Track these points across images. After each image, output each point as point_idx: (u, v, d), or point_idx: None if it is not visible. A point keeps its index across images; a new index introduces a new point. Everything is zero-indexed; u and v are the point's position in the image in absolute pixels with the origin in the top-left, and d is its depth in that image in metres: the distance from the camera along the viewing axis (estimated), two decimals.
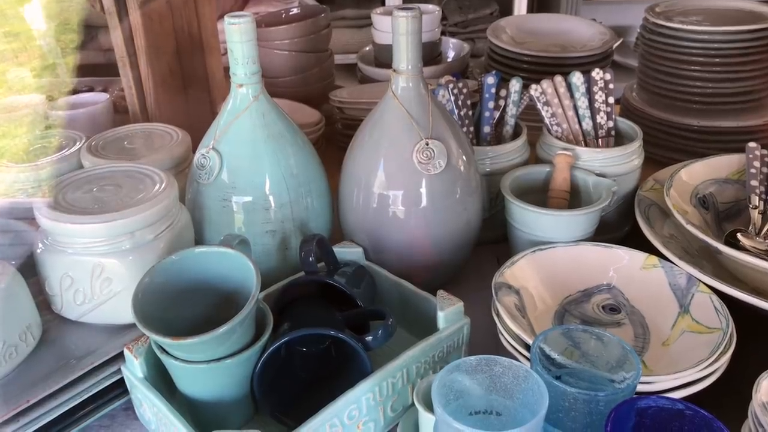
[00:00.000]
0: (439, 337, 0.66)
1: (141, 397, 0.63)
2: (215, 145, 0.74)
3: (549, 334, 0.56)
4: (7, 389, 0.61)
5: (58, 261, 0.64)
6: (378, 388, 0.62)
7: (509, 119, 0.93)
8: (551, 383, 0.52)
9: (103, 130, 1.11)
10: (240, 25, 0.71)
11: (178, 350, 0.57)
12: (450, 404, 0.52)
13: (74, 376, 0.62)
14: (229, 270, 0.62)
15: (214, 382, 0.59)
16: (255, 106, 0.74)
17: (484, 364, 0.53)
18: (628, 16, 2.36)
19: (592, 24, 1.29)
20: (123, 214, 0.63)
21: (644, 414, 0.48)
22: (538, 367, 0.54)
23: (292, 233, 0.77)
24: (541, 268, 0.76)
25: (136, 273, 0.65)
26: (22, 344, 0.63)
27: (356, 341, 0.61)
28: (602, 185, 0.83)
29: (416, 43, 0.73)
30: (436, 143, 0.74)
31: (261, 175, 0.74)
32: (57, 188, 0.68)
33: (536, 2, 2.52)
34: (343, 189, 0.81)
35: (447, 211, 0.77)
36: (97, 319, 0.67)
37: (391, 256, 0.78)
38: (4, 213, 0.84)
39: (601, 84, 0.92)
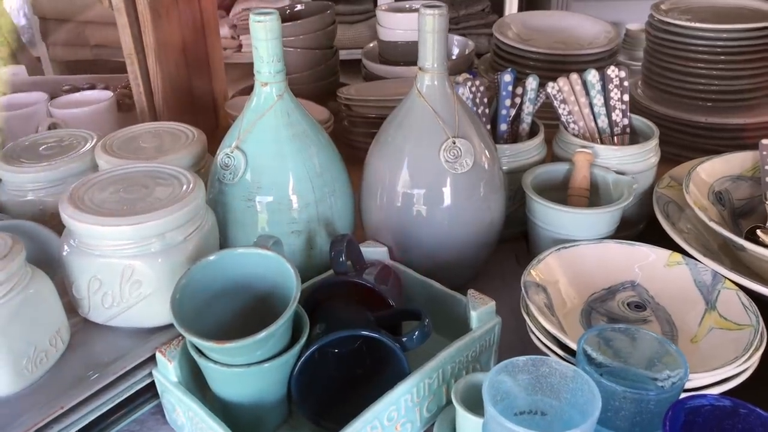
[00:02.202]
0: (473, 336, 0.66)
1: (174, 401, 0.62)
2: (239, 144, 0.73)
3: (592, 334, 0.56)
4: (39, 395, 0.59)
5: (87, 263, 0.63)
6: (416, 389, 0.61)
7: (525, 117, 0.93)
8: (601, 383, 0.52)
9: (108, 128, 1.10)
10: (266, 23, 0.70)
11: (219, 354, 0.56)
12: (497, 405, 0.52)
13: (107, 381, 0.61)
14: (265, 271, 0.61)
15: (252, 386, 0.58)
16: (279, 105, 0.73)
17: (531, 365, 0.53)
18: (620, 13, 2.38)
19: (597, 21, 1.29)
20: (154, 215, 0.62)
21: (697, 412, 0.48)
22: (586, 366, 0.54)
23: (316, 233, 0.76)
24: (567, 266, 0.76)
25: (165, 275, 0.64)
26: (52, 349, 0.62)
27: (394, 342, 0.60)
28: (622, 183, 0.84)
29: (442, 41, 0.73)
30: (462, 142, 0.74)
31: (286, 174, 0.73)
32: (81, 189, 0.66)
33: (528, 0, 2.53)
34: (366, 187, 0.80)
35: (471, 210, 0.77)
36: (124, 322, 0.66)
37: (415, 256, 0.78)
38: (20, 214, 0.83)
39: (616, 81, 0.92)
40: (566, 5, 2.57)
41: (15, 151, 0.87)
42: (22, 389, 0.59)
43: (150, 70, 1.02)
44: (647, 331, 0.57)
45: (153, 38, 1.00)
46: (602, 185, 0.86)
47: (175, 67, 1.09)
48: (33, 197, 0.85)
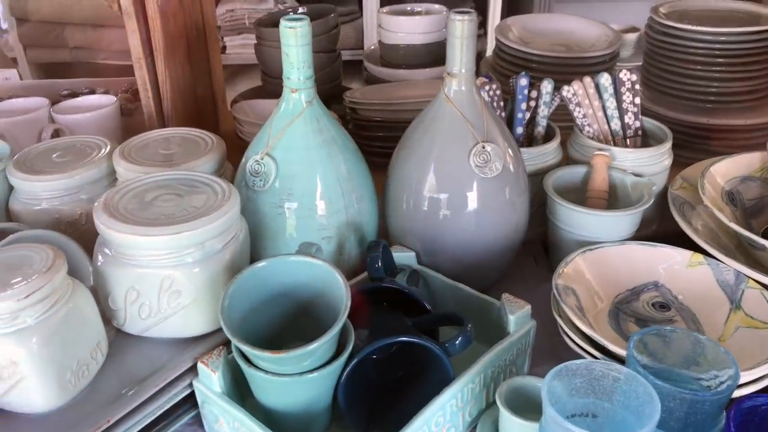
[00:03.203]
0: (511, 340, 0.66)
1: (218, 412, 0.61)
2: (269, 151, 0.73)
3: (640, 337, 0.57)
4: (82, 409, 0.58)
5: (124, 274, 0.62)
6: (460, 394, 0.62)
7: (541, 120, 0.94)
8: (656, 384, 0.52)
9: (112, 133, 1.08)
10: (297, 29, 0.70)
11: (271, 363, 0.55)
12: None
13: (149, 393, 0.60)
14: (309, 279, 0.61)
15: (300, 394, 0.58)
16: (309, 111, 0.73)
17: (584, 368, 0.54)
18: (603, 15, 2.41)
19: (597, 24, 1.31)
20: (194, 224, 0.61)
21: (754, 412, 0.49)
22: (639, 368, 0.55)
23: (346, 239, 0.76)
24: (593, 268, 0.77)
25: (204, 285, 0.63)
26: (93, 362, 0.61)
27: (440, 349, 0.60)
28: (641, 185, 0.85)
29: (471, 46, 0.73)
30: (492, 146, 0.74)
31: (317, 180, 0.73)
32: (115, 197, 0.65)
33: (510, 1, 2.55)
34: (392, 192, 0.80)
35: (498, 214, 0.77)
36: (160, 333, 0.65)
37: (441, 260, 0.78)
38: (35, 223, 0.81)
39: (628, 85, 0.94)
40: (549, 7, 2.60)
41: (27, 159, 0.85)
42: (66, 403, 0.58)
43: (159, 75, 1.01)
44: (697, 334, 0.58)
45: (162, 42, 0.99)
46: (620, 187, 0.87)
47: (181, 71, 1.08)
48: (47, 206, 0.83)
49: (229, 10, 2.44)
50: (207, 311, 0.64)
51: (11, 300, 0.53)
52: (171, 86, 1.03)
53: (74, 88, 1.27)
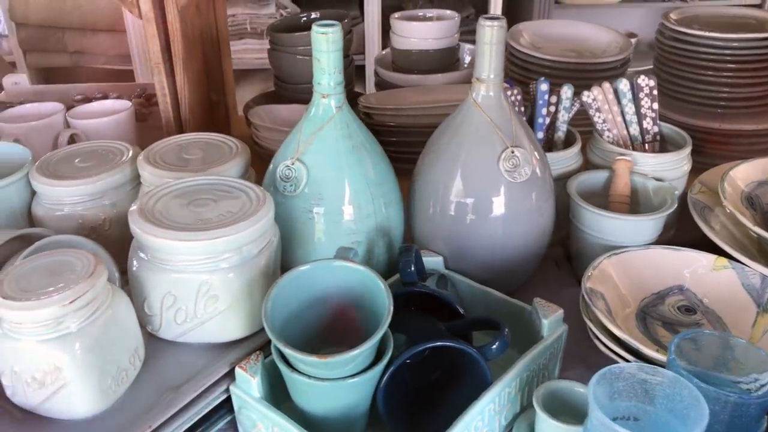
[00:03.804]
0: (545, 344, 0.67)
1: (256, 418, 0.61)
2: (300, 156, 0.73)
3: (681, 340, 0.58)
4: (121, 415, 0.58)
5: (161, 279, 0.62)
6: (498, 398, 0.62)
7: (561, 125, 0.94)
8: (701, 387, 0.53)
9: (128, 138, 1.08)
10: (329, 35, 0.70)
11: (315, 368, 0.55)
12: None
13: (187, 399, 0.60)
14: (348, 284, 0.61)
15: (342, 399, 0.58)
16: (339, 117, 0.73)
17: (628, 371, 0.54)
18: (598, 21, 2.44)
19: (607, 30, 1.32)
20: (232, 229, 0.61)
21: None
22: (681, 371, 0.55)
23: (375, 243, 0.76)
24: (619, 272, 0.78)
25: (241, 289, 0.63)
26: (131, 368, 0.60)
27: (478, 353, 0.61)
28: (664, 190, 0.86)
29: (500, 52, 0.73)
30: (521, 151, 0.75)
31: (347, 185, 0.73)
32: (149, 202, 0.65)
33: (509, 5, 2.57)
34: (417, 197, 0.80)
35: (525, 218, 0.78)
36: (196, 338, 0.65)
37: (469, 264, 0.79)
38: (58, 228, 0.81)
39: (646, 90, 0.95)
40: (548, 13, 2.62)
41: (50, 164, 0.85)
42: (106, 409, 0.58)
43: (177, 81, 1.01)
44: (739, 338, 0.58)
45: (181, 48, 0.99)
46: (642, 192, 0.88)
47: (198, 77, 1.08)
48: (70, 211, 0.82)
49: (231, 16, 2.43)
50: (243, 316, 0.64)
51: (56, 305, 0.52)
52: (189, 91, 1.03)
53: (87, 93, 1.27)
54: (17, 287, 0.54)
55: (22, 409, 0.58)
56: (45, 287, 0.54)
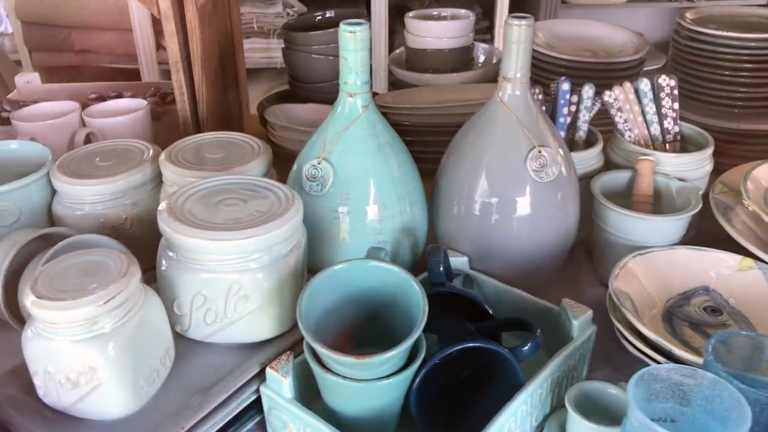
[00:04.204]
0: (575, 345, 0.66)
1: (287, 418, 0.60)
2: (326, 156, 0.73)
3: (718, 341, 0.57)
4: (153, 416, 0.58)
5: (191, 279, 0.62)
6: (530, 399, 0.62)
7: (582, 125, 0.94)
8: (741, 389, 0.52)
9: (144, 136, 1.07)
10: (356, 34, 0.69)
11: (353, 368, 0.55)
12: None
13: (219, 399, 0.59)
14: (380, 284, 0.61)
15: (375, 400, 0.58)
16: (365, 116, 0.73)
17: (665, 372, 0.54)
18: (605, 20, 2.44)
19: (622, 30, 1.32)
20: (264, 229, 0.61)
21: None
22: (720, 372, 0.55)
23: (400, 244, 0.76)
24: (645, 273, 0.77)
25: (270, 289, 0.63)
26: (162, 368, 0.60)
27: (511, 354, 0.60)
28: (687, 190, 0.85)
29: (527, 51, 0.73)
30: (548, 150, 0.74)
31: (373, 185, 0.73)
32: (178, 201, 0.65)
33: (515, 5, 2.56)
34: (441, 197, 0.80)
35: (551, 218, 0.77)
36: (225, 338, 0.65)
37: (494, 264, 0.78)
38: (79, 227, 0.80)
39: (667, 90, 0.94)
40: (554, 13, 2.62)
41: (71, 163, 0.84)
42: (138, 410, 0.58)
43: (195, 79, 1.01)
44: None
45: (200, 46, 0.98)
46: (665, 192, 0.88)
47: (215, 75, 1.07)
48: (90, 210, 0.82)
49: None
50: (272, 316, 0.64)
51: (92, 305, 0.52)
52: (206, 90, 1.02)
53: (100, 91, 1.26)
54: (51, 287, 0.54)
55: (53, 409, 0.58)
56: (79, 287, 0.54)
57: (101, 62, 2.43)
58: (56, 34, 2.38)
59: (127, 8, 2.28)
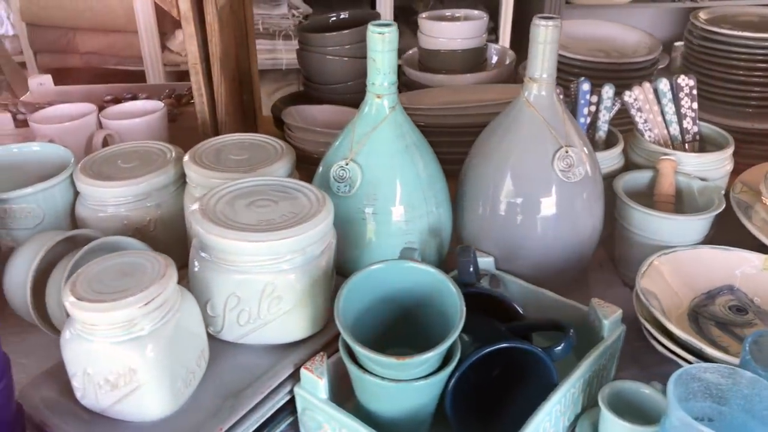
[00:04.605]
0: (606, 345, 0.66)
1: (322, 419, 0.60)
2: (354, 157, 0.73)
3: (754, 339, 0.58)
4: (190, 417, 0.58)
5: (225, 280, 0.62)
6: (564, 399, 0.62)
7: (602, 125, 0.94)
8: None
9: (160, 138, 1.07)
10: (385, 35, 0.70)
11: (392, 369, 0.55)
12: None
13: (256, 400, 0.59)
14: (415, 285, 0.61)
15: (414, 400, 0.58)
16: (392, 117, 0.73)
17: (703, 372, 0.54)
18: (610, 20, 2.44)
19: (634, 30, 1.32)
20: (298, 230, 0.61)
21: None
22: (759, 372, 0.55)
23: (426, 244, 0.76)
24: (670, 272, 0.78)
25: (304, 290, 0.63)
26: (198, 369, 0.60)
27: (546, 354, 0.60)
28: (709, 189, 0.86)
29: (553, 51, 0.73)
30: (575, 150, 0.74)
31: (400, 186, 0.73)
32: (210, 202, 0.65)
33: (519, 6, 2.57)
34: (466, 197, 0.80)
35: (577, 218, 0.78)
36: (257, 339, 0.65)
37: (519, 265, 0.78)
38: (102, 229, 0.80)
39: (686, 90, 0.95)
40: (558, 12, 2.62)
41: (93, 165, 0.84)
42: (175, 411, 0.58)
43: (214, 80, 1.01)
44: None
45: (219, 48, 0.98)
46: (686, 192, 0.88)
47: (232, 77, 1.07)
48: (114, 212, 0.82)
49: None
50: (305, 317, 0.64)
51: (132, 307, 0.52)
52: (225, 91, 1.02)
53: (115, 93, 1.26)
54: (90, 288, 0.54)
55: (88, 410, 0.58)
56: (118, 289, 0.54)
57: (106, 64, 2.43)
58: (61, 37, 2.38)
59: (132, 10, 2.28)
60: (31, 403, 0.58)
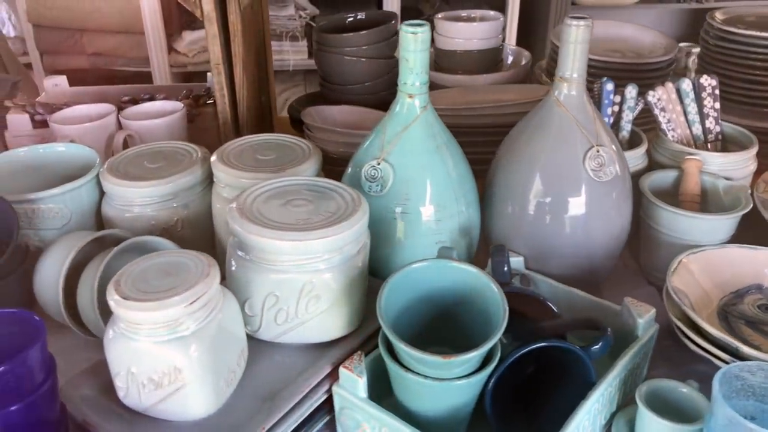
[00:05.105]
0: (641, 343, 0.67)
1: (361, 418, 0.60)
2: (385, 156, 0.73)
3: None
4: (230, 416, 0.58)
5: (264, 279, 0.62)
6: (602, 398, 0.62)
7: (625, 125, 0.95)
8: None
9: (180, 138, 1.07)
10: (418, 35, 0.70)
11: (435, 368, 0.55)
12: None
13: (296, 399, 0.59)
14: (454, 284, 0.61)
15: (456, 399, 0.58)
16: (424, 117, 0.73)
17: (747, 370, 0.54)
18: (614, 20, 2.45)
19: (649, 31, 1.32)
20: (337, 229, 0.61)
21: None
22: None
23: (457, 244, 0.76)
24: (700, 271, 0.78)
25: (341, 289, 0.63)
26: (238, 369, 0.60)
27: (585, 353, 0.61)
28: (735, 189, 0.86)
29: (584, 51, 0.74)
30: (605, 150, 0.75)
31: (432, 185, 0.73)
32: (247, 201, 0.65)
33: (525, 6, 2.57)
34: (495, 197, 0.80)
35: (606, 218, 0.78)
36: (294, 339, 0.65)
37: (549, 264, 0.78)
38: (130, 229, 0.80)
39: (709, 90, 0.95)
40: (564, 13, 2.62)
41: (120, 165, 0.84)
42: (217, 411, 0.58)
43: (236, 81, 1.01)
44: None
45: (242, 48, 0.98)
46: (711, 191, 0.88)
47: (253, 77, 1.07)
48: (140, 212, 0.82)
49: None
50: (341, 316, 0.64)
51: (179, 306, 0.52)
52: (247, 92, 1.02)
53: (132, 94, 1.26)
54: (135, 288, 0.54)
55: (129, 409, 0.58)
56: (162, 288, 0.54)
57: (112, 65, 2.43)
58: (68, 38, 2.38)
59: (139, 11, 2.28)
60: (71, 402, 0.58)
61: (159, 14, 2.28)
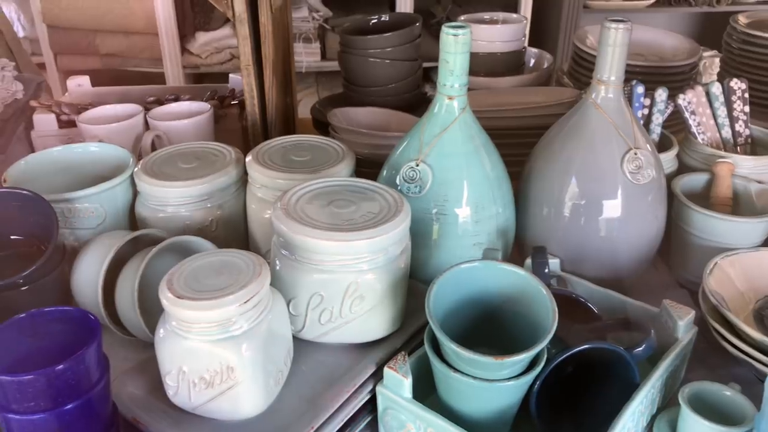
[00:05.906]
0: (681, 345, 0.67)
1: (405, 418, 0.61)
2: (424, 158, 0.73)
3: None
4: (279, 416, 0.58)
5: (309, 279, 0.62)
6: (645, 399, 0.62)
7: (655, 128, 0.95)
8: None
9: (207, 139, 1.07)
10: (459, 37, 0.70)
11: (484, 369, 0.55)
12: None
13: (342, 398, 0.60)
14: (500, 286, 0.61)
15: (503, 400, 0.58)
16: (462, 119, 0.73)
17: None
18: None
19: (672, 35, 1.32)
20: (382, 230, 0.61)
21: None
22: None
23: (493, 245, 0.76)
24: (737, 274, 0.78)
25: (385, 289, 0.63)
26: (285, 368, 0.61)
27: (630, 355, 0.61)
28: (767, 192, 0.86)
29: (623, 54, 0.74)
30: (643, 152, 0.75)
31: (470, 187, 0.74)
32: (291, 201, 0.65)
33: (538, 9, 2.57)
34: (530, 199, 0.81)
35: (642, 221, 0.78)
36: (336, 338, 0.65)
37: (584, 267, 0.78)
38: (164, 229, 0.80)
39: (738, 93, 0.95)
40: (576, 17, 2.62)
41: (154, 165, 0.85)
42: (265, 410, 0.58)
43: (266, 82, 1.01)
44: None
45: (272, 50, 0.99)
46: (743, 194, 0.88)
47: (281, 79, 1.08)
48: (173, 212, 0.82)
49: None
50: (385, 316, 0.64)
51: (232, 305, 0.52)
52: (276, 93, 1.02)
53: (157, 94, 1.26)
54: (188, 287, 0.54)
55: (177, 408, 0.58)
56: (215, 287, 0.54)
57: (126, 66, 2.44)
58: (82, 38, 2.38)
59: (153, 12, 2.29)
60: (119, 400, 0.58)
61: (172, 15, 2.28)
